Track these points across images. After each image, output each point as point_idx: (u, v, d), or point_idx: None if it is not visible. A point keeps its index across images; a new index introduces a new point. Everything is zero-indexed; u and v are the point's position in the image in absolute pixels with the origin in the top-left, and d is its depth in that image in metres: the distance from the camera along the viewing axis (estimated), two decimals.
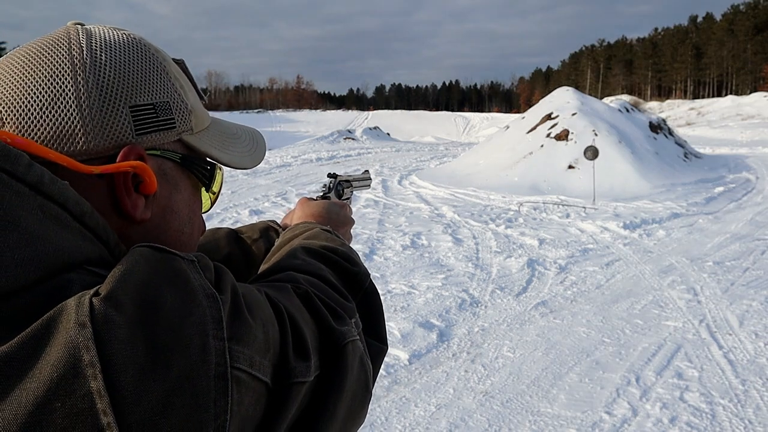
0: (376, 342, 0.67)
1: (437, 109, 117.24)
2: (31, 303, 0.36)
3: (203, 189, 0.61)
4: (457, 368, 3.71)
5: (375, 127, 33.17)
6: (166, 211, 0.54)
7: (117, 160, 0.49)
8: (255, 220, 8.59)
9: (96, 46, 0.51)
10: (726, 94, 70.02)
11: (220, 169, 0.63)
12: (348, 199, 1.05)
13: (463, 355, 3.90)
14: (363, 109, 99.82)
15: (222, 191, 0.79)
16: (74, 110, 0.47)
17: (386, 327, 0.71)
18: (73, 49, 0.50)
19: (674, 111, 55.45)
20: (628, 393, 3.37)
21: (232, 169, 0.64)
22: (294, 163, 16.23)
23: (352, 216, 0.97)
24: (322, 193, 1.01)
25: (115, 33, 0.54)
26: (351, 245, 0.80)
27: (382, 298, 0.72)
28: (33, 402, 0.32)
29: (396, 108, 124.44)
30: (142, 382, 0.34)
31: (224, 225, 7.80)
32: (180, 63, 0.60)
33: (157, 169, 0.52)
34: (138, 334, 0.35)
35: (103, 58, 0.50)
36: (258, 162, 0.67)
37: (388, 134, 33.70)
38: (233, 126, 0.68)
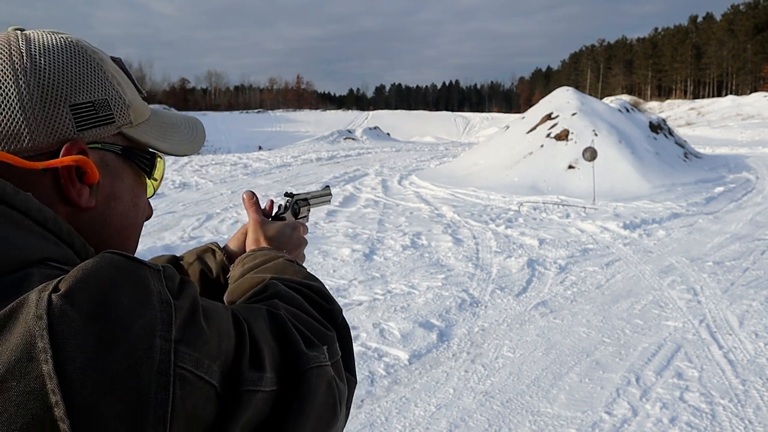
0: (348, 374, 0.70)
1: (437, 109, 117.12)
2: None
3: (146, 176, 0.66)
4: (457, 368, 3.71)
5: (375, 127, 33.19)
6: (110, 198, 0.59)
7: (60, 155, 0.53)
8: None
9: (35, 51, 0.54)
10: (726, 94, 70.01)
11: (161, 158, 0.68)
12: (305, 217, 1.06)
13: (463, 355, 3.90)
14: (363, 109, 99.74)
15: (222, 191, 0.81)
16: (18, 112, 0.52)
17: (355, 361, 0.74)
18: (14, 55, 0.53)
19: (674, 111, 55.46)
20: (628, 393, 3.37)
21: (232, 169, 0.65)
22: (294, 163, 16.22)
23: (308, 235, 1.01)
24: (275, 213, 1.00)
25: (53, 37, 0.58)
26: (305, 266, 0.84)
27: (382, 297, 0.74)
28: None
29: (396, 108, 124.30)
30: (87, 369, 0.38)
31: (224, 224, 7.81)
32: (117, 61, 0.64)
33: (99, 161, 0.57)
34: (89, 328, 0.39)
35: (43, 62, 0.54)
36: (197, 148, 0.72)
37: (388, 134, 33.71)
38: (172, 116, 0.73)
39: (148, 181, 0.67)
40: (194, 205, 9.30)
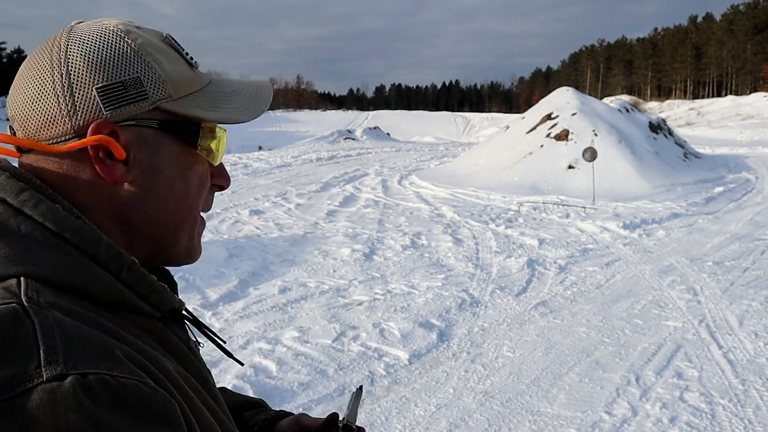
0: None
1: (437, 109, 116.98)
2: None
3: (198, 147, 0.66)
4: (457, 368, 3.71)
5: (375, 127, 33.19)
6: (149, 171, 0.62)
7: (87, 135, 0.57)
8: (255, 219, 8.63)
9: (72, 42, 0.60)
10: (726, 94, 70.02)
11: (220, 127, 0.69)
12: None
13: (463, 355, 3.90)
14: (363, 109, 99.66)
15: (221, 191, 0.79)
16: (53, 100, 0.58)
17: None
18: (54, 48, 0.60)
19: (674, 111, 55.47)
20: (628, 393, 3.37)
21: (232, 169, 0.66)
22: (294, 163, 16.22)
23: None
24: None
25: (92, 25, 0.63)
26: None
27: (382, 297, 0.73)
28: None
29: (396, 108, 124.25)
30: None
31: (224, 224, 7.80)
32: (166, 38, 0.67)
33: (135, 137, 0.60)
34: None
35: (74, 51, 0.59)
36: (257, 114, 0.71)
37: (388, 134, 33.70)
38: (235, 83, 0.73)
39: (200, 151, 0.66)
40: None
